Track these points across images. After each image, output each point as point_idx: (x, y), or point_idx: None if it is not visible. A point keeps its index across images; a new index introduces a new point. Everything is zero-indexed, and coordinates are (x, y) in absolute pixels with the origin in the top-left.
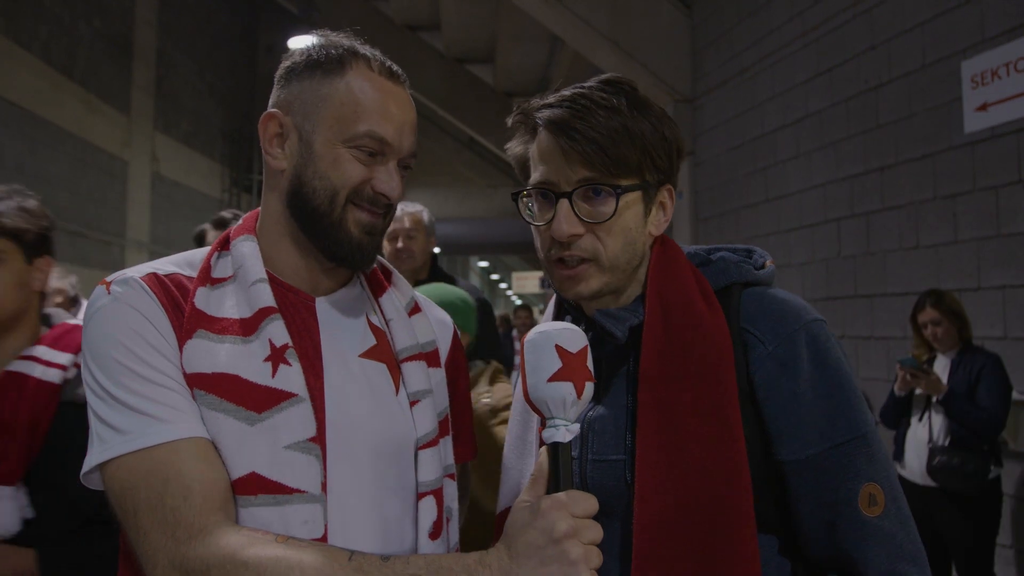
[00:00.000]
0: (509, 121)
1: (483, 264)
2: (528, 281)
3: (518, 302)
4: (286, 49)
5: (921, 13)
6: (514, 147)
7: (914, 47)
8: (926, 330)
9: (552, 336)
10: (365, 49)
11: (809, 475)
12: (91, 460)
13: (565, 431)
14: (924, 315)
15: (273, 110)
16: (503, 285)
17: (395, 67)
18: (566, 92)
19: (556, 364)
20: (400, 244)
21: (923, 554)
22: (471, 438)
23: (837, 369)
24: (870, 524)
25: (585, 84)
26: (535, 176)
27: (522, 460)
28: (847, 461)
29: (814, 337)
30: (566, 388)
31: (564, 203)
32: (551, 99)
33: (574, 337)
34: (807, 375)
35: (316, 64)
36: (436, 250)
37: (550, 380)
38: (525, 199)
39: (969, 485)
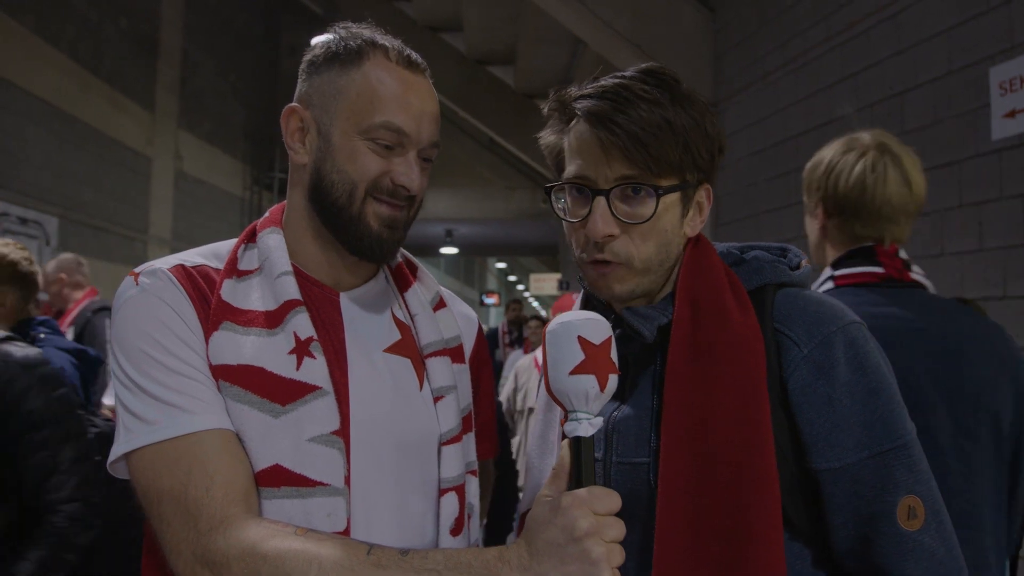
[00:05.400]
0: (544, 108)
1: (501, 265)
2: (545, 283)
3: (535, 303)
4: (309, 49)
5: (948, 19)
6: (547, 136)
7: (941, 53)
8: None
9: (574, 327)
10: (385, 39)
11: (845, 485)
12: (117, 449)
13: (588, 425)
14: None
15: (294, 104)
16: (520, 287)
17: (415, 56)
18: (606, 82)
19: (578, 356)
20: None
21: (965, 573)
22: (494, 434)
23: (876, 373)
24: (909, 539)
25: (625, 74)
26: (570, 170)
27: (543, 459)
28: (886, 472)
29: (852, 340)
30: (588, 381)
31: (601, 201)
32: (590, 89)
33: (597, 328)
34: (844, 380)
35: (335, 56)
36: (453, 251)
37: (572, 373)
38: (558, 193)
39: None
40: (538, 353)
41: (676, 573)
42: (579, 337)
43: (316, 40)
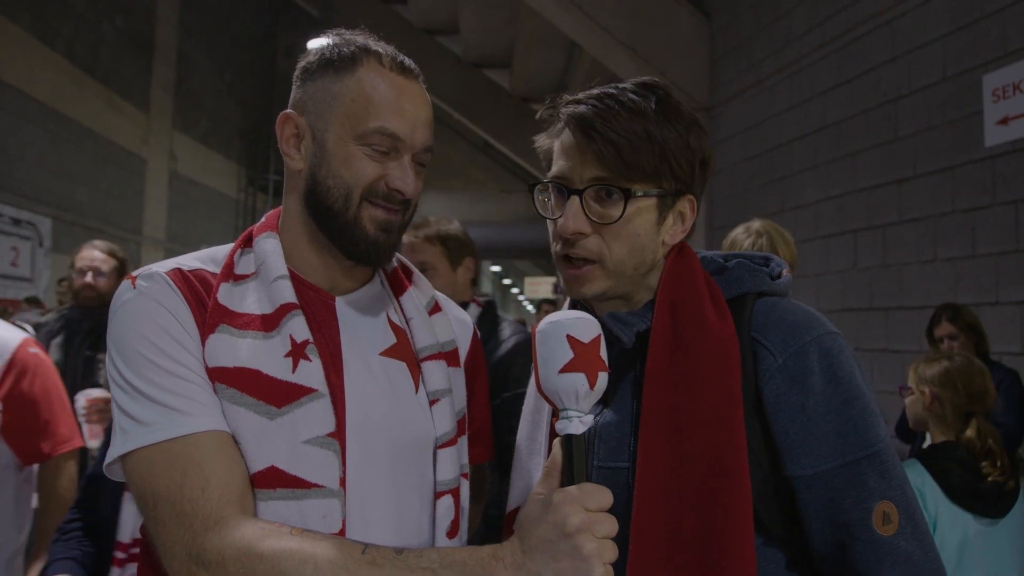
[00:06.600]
0: (539, 114)
1: (495, 269)
2: (541, 287)
3: (530, 308)
4: (305, 51)
5: (943, 26)
6: (542, 140)
7: (935, 59)
8: (943, 344)
9: (563, 326)
10: (378, 45)
11: (819, 492)
12: (113, 451)
13: (578, 423)
14: (940, 329)
15: (289, 111)
16: (515, 290)
17: (408, 62)
18: (596, 91)
19: (568, 355)
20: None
21: (943, 573)
22: (489, 438)
23: (850, 383)
24: (885, 544)
25: (619, 84)
26: (552, 170)
27: (531, 459)
28: (859, 479)
29: (826, 350)
30: (578, 379)
31: (575, 200)
32: (580, 96)
33: (587, 326)
34: (818, 389)
35: (329, 63)
36: None
37: (561, 371)
38: (541, 192)
39: None
40: None
41: (649, 574)
42: (568, 336)
43: (312, 47)
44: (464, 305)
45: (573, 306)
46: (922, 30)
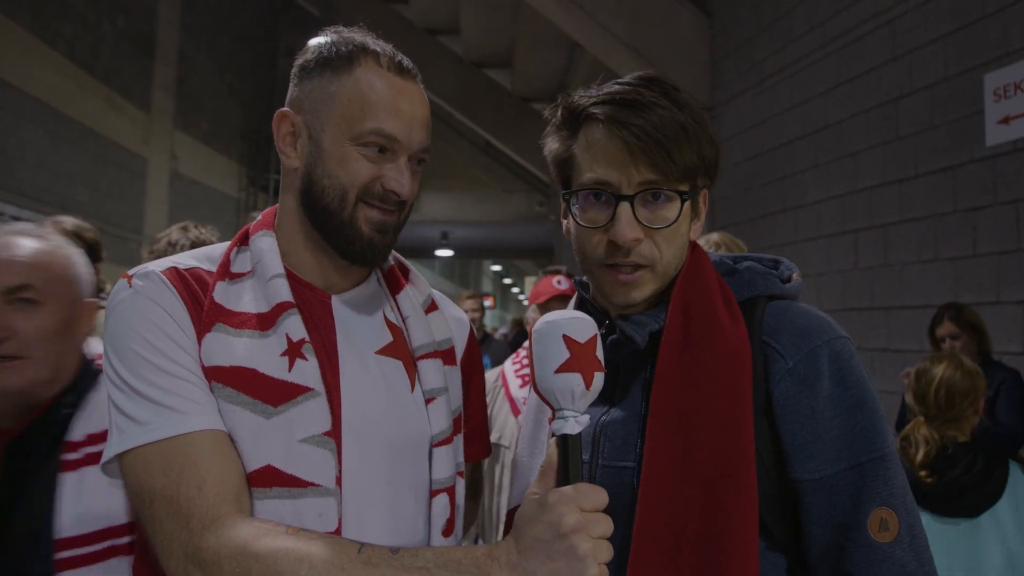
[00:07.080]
0: (545, 113)
1: (496, 268)
2: None
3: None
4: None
5: (944, 25)
6: (552, 143)
7: (936, 59)
8: (944, 344)
9: (560, 326)
10: (376, 45)
11: (823, 496)
12: (110, 450)
13: (574, 423)
14: (942, 328)
15: (285, 109)
16: (515, 290)
17: (406, 62)
18: (616, 88)
19: (564, 355)
20: None
21: None
22: (486, 436)
23: (859, 388)
24: (880, 551)
25: (630, 81)
26: (590, 175)
27: (533, 459)
28: (862, 482)
29: (836, 355)
30: (574, 379)
31: (626, 207)
32: (603, 96)
33: (583, 326)
34: (827, 393)
35: (326, 61)
36: (449, 253)
37: (557, 371)
38: (572, 199)
39: None
40: (507, 364)
41: (650, 574)
42: (564, 336)
43: (310, 43)
44: None
45: (579, 307)
46: (923, 29)
